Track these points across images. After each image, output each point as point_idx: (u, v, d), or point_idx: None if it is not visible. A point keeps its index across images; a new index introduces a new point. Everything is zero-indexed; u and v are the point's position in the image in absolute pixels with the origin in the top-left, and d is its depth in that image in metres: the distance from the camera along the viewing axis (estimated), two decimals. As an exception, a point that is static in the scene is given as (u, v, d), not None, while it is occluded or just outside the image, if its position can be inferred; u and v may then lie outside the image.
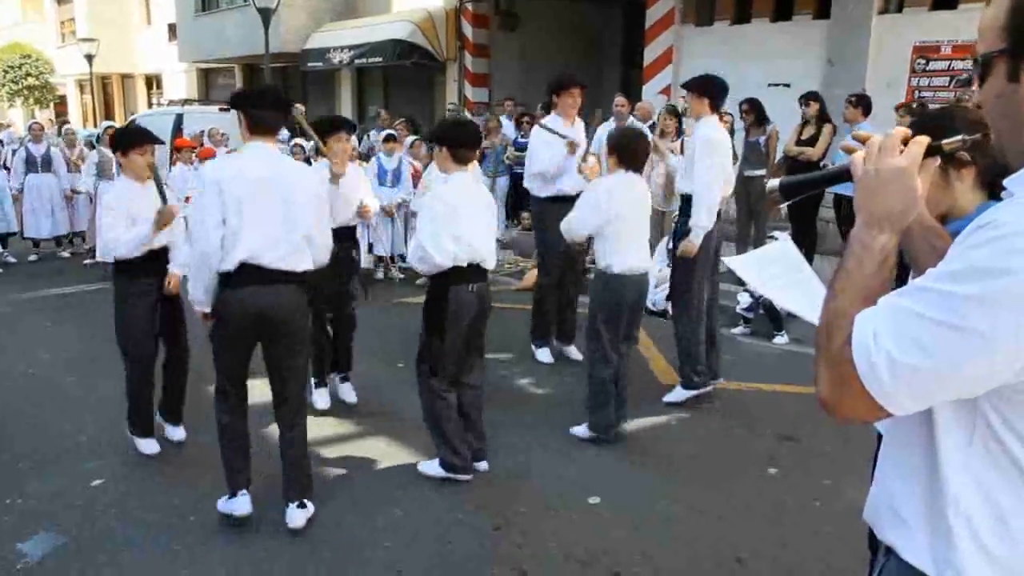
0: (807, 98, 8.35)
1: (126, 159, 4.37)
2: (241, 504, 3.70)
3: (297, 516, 3.71)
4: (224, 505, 3.75)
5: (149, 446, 4.53)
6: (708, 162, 4.98)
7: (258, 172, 3.46)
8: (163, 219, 4.18)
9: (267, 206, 3.44)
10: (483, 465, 4.35)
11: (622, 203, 4.51)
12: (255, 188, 3.42)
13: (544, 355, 6.27)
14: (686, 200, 5.18)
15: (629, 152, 4.58)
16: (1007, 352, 1.05)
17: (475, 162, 4.38)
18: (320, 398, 5.21)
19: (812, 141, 8.22)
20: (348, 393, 5.34)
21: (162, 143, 5.28)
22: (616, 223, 4.51)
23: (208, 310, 3.61)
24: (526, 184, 6.30)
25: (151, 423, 4.57)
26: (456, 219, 3.93)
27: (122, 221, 4.27)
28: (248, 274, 3.45)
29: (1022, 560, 1.17)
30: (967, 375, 1.09)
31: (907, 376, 1.10)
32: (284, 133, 10.73)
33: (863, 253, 1.26)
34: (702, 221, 4.98)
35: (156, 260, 4.38)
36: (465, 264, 4.00)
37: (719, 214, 5.21)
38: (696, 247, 4.99)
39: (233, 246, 3.42)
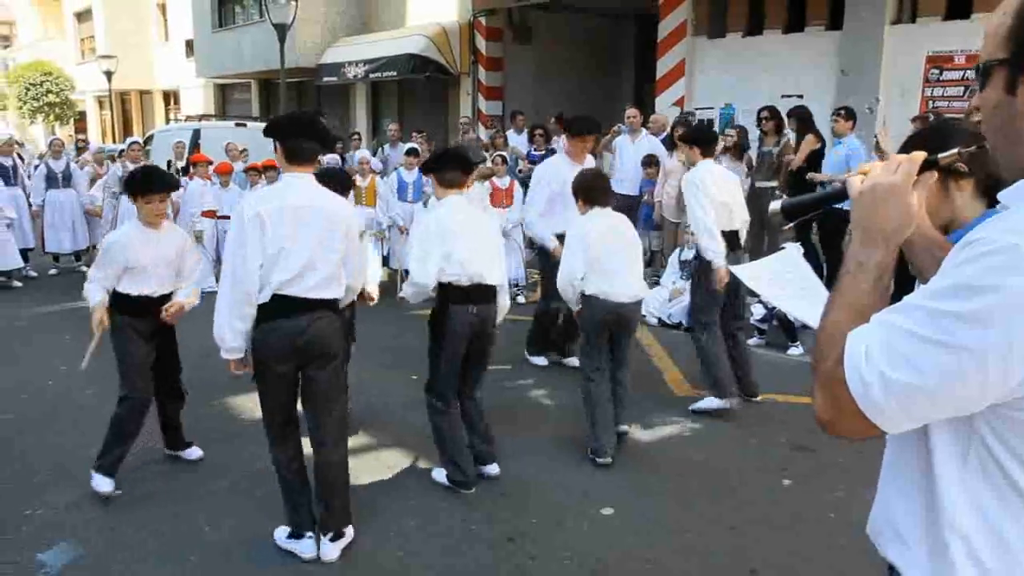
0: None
1: (136, 204, 4.24)
2: (307, 547, 3.60)
3: (330, 549, 3.60)
4: (286, 542, 3.65)
5: (104, 484, 4.16)
6: (693, 201, 5.20)
7: (299, 202, 3.42)
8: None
9: (307, 236, 3.40)
10: (493, 469, 4.39)
11: (593, 238, 4.59)
12: (296, 218, 3.38)
13: (539, 360, 6.50)
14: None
15: (590, 191, 4.73)
16: (997, 369, 1.04)
17: (471, 186, 4.42)
18: None
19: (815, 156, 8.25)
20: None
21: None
22: (592, 258, 4.59)
23: (240, 356, 3.52)
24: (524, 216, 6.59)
25: (118, 464, 4.24)
26: (447, 239, 4.02)
27: (110, 270, 4.17)
28: (283, 304, 3.40)
29: None
30: (958, 393, 1.08)
31: (899, 394, 1.10)
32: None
33: (858, 270, 1.26)
34: (710, 248, 5.13)
35: (160, 300, 4.27)
36: (465, 283, 4.08)
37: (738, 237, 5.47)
38: (724, 271, 5.05)
39: (268, 276, 3.37)
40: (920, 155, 1.28)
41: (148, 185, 4.22)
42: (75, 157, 12.08)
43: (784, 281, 2.35)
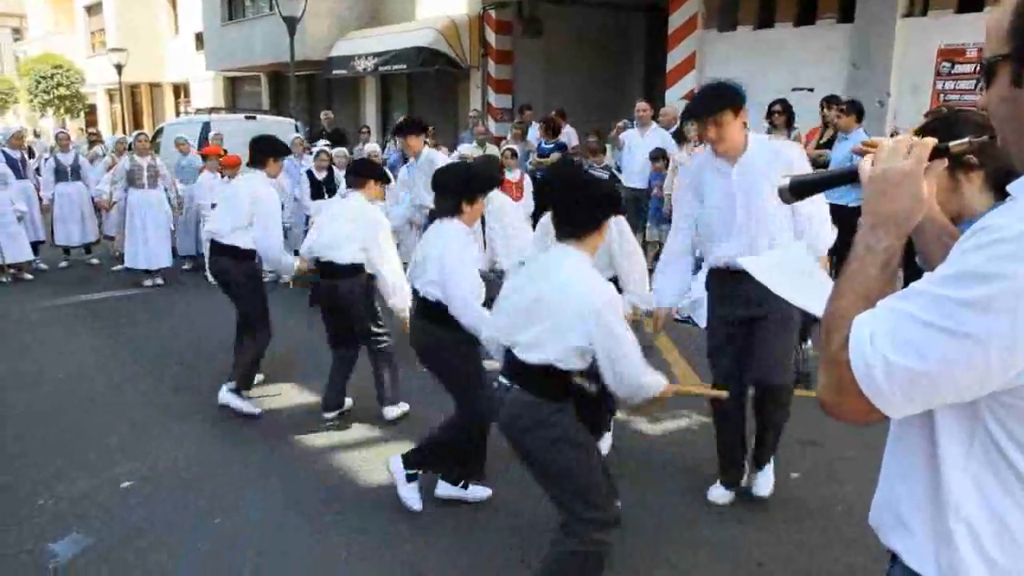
0: (829, 103, 8.21)
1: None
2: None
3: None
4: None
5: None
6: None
7: None
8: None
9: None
10: None
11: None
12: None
13: None
14: None
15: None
16: (1000, 357, 1.04)
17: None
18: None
19: (830, 144, 8.06)
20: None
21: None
22: None
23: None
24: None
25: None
26: None
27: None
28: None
29: None
30: (961, 379, 1.08)
31: (902, 379, 1.10)
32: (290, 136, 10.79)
33: (866, 255, 1.26)
34: None
35: None
36: None
37: None
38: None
39: None
40: (931, 141, 1.28)
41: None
42: (87, 151, 12.09)
43: (792, 274, 2.35)
